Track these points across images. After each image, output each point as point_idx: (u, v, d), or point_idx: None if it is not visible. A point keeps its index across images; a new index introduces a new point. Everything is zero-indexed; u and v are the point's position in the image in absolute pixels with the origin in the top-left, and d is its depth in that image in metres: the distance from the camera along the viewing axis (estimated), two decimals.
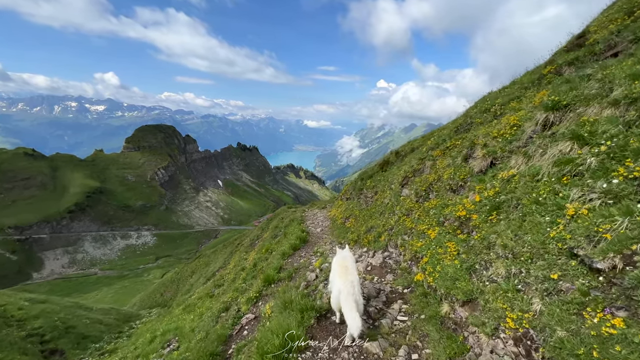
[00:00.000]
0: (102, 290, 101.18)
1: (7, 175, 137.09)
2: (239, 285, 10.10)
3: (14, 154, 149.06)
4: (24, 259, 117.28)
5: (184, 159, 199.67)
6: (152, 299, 55.27)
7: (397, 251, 6.81)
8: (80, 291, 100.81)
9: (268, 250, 11.78)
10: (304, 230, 11.80)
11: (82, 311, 27.48)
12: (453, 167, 6.53)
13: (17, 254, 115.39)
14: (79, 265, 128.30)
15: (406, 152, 13.40)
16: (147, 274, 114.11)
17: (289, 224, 14.08)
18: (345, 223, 12.37)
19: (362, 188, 14.96)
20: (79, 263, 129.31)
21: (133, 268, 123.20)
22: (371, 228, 9.43)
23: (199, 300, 13.85)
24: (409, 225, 6.77)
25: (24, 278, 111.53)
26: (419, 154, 8.72)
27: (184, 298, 21.65)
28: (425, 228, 5.78)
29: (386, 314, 4.10)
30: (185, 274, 55.80)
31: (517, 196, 3.65)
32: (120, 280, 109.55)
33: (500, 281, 3.16)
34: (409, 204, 7.52)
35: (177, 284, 55.23)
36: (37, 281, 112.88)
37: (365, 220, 10.90)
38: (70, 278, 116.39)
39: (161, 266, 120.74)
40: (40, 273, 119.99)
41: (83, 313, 26.72)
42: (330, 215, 15.32)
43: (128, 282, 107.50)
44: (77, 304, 29.17)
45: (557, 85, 4.64)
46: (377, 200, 11.84)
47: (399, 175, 9.98)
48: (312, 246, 10.62)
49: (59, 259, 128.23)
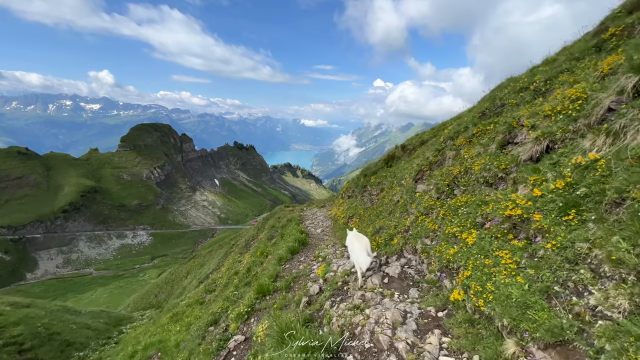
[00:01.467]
0: (97, 290, 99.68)
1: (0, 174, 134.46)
2: (230, 294, 8.89)
3: (7, 152, 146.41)
4: (18, 259, 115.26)
5: (180, 158, 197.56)
6: (146, 301, 53.99)
7: (417, 258, 5.63)
8: (75, 291, 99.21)
9: (263, 254, 10.57)
10: (303, 232, 10.58)
11: (70, 315, 26.11)
12: (486, 156, 5.37)
13: (11, 254, 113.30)
14: (74, 265, 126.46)
15: (415, 146, 12.23)
16: (143, 273, 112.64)
17: (286, 224, 12.84)
18: (348, 223, 11.18)
19: (366, 185, 13.80)
20: (73, 263, 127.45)
21: (129, 268, 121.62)
22: (380, 229, 8.25)
23: (188, 307, 12.62)
24: (430, 227, 5.60)
25: (18, 279, 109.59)
26: (435, 144, 7.57)
27: (174, 302, 20.39)
28: (457, 231, 4.61)
29: (423, 354, 2.91)
30: (179, 275, 54.42)
31: (618, 187, 2.49)
32: (115, 280, 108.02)
33: (621, 319, 2.00)
34: (427, 202, 6.34)
35: (172, 285, 53.90)
36: (31, 282, 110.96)
37: (371, 220, 9.72)
38: (65, 278, 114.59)
39: (157, 266, 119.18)
40: (34, 273, 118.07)
41: (70, 317, 25.36)
42: (331, 215, 14.12)
43: (123, 282, 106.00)
44: (64, 308, 27.81)
45: (637, 44, 3.51)
46: (383, 197, 10.67)
47: (411, 170, 8.81)
48: (313, 249, 9.42)
49: (53, 259, 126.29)
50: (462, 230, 4.55)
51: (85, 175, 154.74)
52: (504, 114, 5.91)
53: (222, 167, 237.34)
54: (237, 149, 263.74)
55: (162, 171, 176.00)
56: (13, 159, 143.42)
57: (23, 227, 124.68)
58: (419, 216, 6.32)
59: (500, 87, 7.36)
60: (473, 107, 9.34)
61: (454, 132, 7.23)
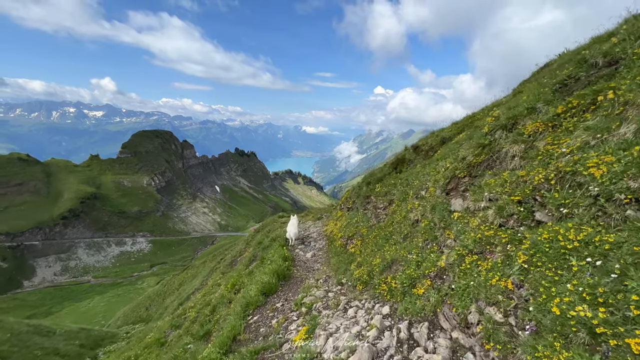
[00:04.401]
0: (94, 299, 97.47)
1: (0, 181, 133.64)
2: (179, 352, 6.22)
3: (8, 159, 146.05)
4: (15, 266, 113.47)
5: (181, 164, 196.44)
6: (137, 314, 51.38)
7: (472, 340, 2.96)
8: (72, 300, 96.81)
9: (235, 287, 7.92)
10: (288, 257, 7.92)
11: (39, 338, 23.29)
12: (609, 148, 2.76)
13: (8, 262, 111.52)
14: (72, 273, 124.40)
15: (431, 145, 9.61)
16: (142, 281, 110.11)
17: (269, 245, 10.16)
18: (347, 246, 8.52)
19: (369, 195, 11.18)
20: (71, 270, 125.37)
21: (127, 276, 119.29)
22: (392, 263, 5.61)
23: (146, 350, 9.92)
24: (497, 281, 2.97)
25: (14, 286, 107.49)
26: (475, 138, 5.01)
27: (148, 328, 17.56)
28: (576, 309, 1.96)
29: None
30: (172, 287, 51.67)
31: None
32: (113, 288, 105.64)
33: None
34: (480, 231, 3.71)
35: (164, 297, 51.27)
36: (28, 289, 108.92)
37: (378, 246, 7.06)
38: (62, 286, 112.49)
39: (156, 274, 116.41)
40: (31, 281, 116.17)
41: (39, 341, 22.52)
42: (326, 231, 11.42)
43: (122, 290, 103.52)
44: (36, 328, 25.03)
45: None
46: (393, 213, 8.02)
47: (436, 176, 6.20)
48: (297, 286, 6.75)
49: (51, 266, 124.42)
50: (591, 308, 1.89)
51: (85, 181, 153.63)
52: (615, 80, 3.33)
53: (223, 173, 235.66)
54: (238, 156, 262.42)
55: (162, 178, 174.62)
56: (14, 165, 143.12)
57: (21, 234, 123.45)
58: (465, 254, 3.68)
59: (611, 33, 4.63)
60: (558, 73, 6.50)
61: (506, 118, 4.65)
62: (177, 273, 58.58)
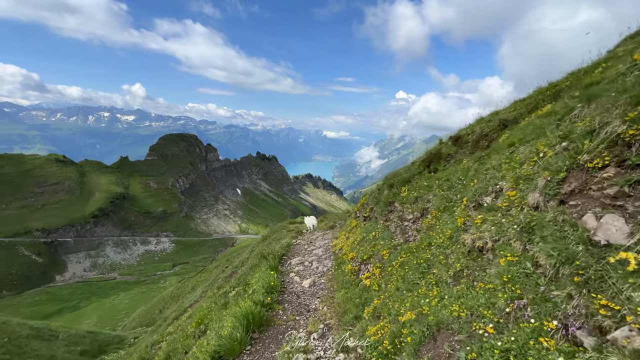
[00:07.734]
0: (120, 295, 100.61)
1: (39, 180, 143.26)
2: None
3: (46, 159, 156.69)
4: (49, 261, 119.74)
5: (205, 167, 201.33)
6: (150, 315, 51.22)
7: None
8: (99, 295, 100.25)
9: (200, 325, 5.51)
10: (274, 288, 5.37)
11: (40, 342, 22.27)
12: None
13: (43, 257, 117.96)
14: (100, 270, 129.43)
15: (483, 134, 6.80)
16: (164, 280, 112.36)
17: (257, 264, 7.65)
18: (360, 273, 5.90)
19: (393, 201, 8.47)
20: (99, 267, 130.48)
21: (150, 274, 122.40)
22: (436, 330, 2.90)
23: None
24: None
25: (47, 280, 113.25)
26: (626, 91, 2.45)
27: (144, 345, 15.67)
28: None
29: None
30: (185, 290, 50.86)
31: None
32: (137, 286, 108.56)
33: None
34: None
35: (177, 299, 50.66)
36: (60, 284, 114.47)
37: (408, 282, 4.38)
38: (91, 282, 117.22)
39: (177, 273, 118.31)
40: (63, 276, 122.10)
41: (38, 346, 21.48)
42: (334, 248, 8.75)
43: (145, 288, 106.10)
44: (38, 332, 24.19)
45: None
46: (429, 228, 5.31)
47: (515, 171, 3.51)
48: (277, 340, 4.20)
49: (81, 262, 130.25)
50: None
51: (115, 182, 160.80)
52: None
53: (244, 176, 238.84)
54: (260, 159, 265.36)
55: (186, 180, 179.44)
56: (51, 165, 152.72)
57: (56, 230, 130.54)
58: None
59: None
60: None
61: None
62: (191, 276, 57.97)
